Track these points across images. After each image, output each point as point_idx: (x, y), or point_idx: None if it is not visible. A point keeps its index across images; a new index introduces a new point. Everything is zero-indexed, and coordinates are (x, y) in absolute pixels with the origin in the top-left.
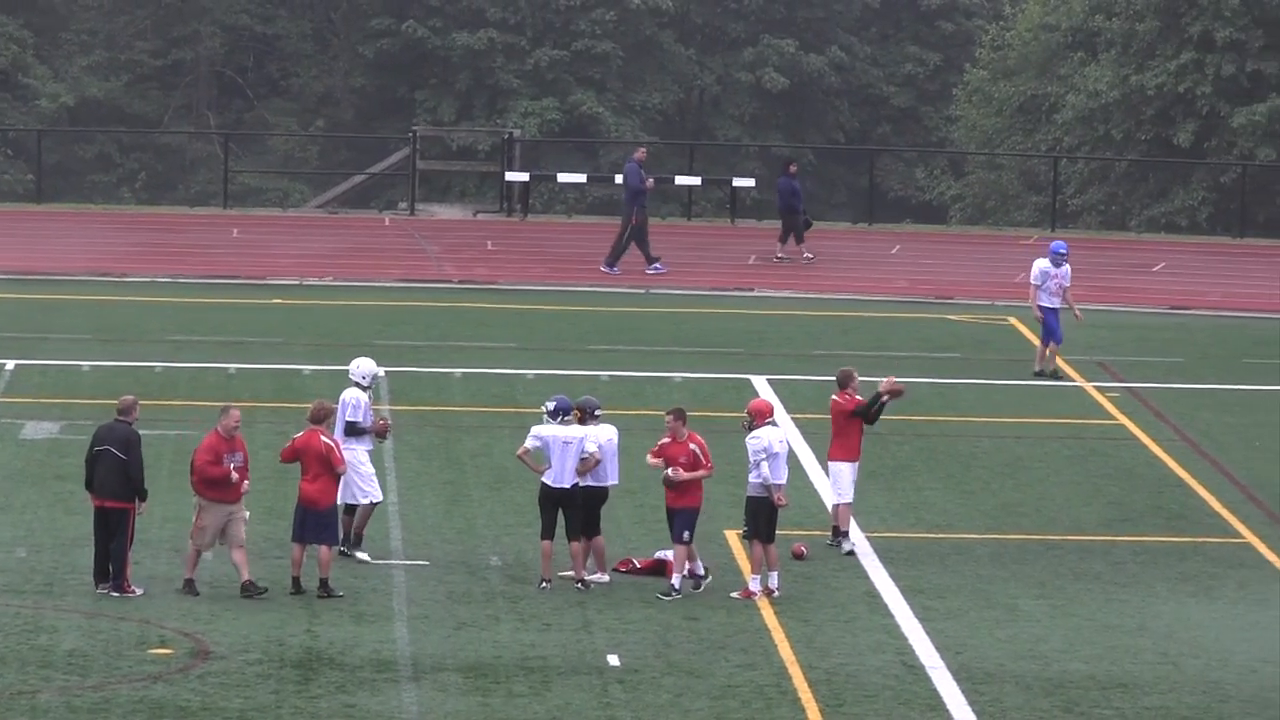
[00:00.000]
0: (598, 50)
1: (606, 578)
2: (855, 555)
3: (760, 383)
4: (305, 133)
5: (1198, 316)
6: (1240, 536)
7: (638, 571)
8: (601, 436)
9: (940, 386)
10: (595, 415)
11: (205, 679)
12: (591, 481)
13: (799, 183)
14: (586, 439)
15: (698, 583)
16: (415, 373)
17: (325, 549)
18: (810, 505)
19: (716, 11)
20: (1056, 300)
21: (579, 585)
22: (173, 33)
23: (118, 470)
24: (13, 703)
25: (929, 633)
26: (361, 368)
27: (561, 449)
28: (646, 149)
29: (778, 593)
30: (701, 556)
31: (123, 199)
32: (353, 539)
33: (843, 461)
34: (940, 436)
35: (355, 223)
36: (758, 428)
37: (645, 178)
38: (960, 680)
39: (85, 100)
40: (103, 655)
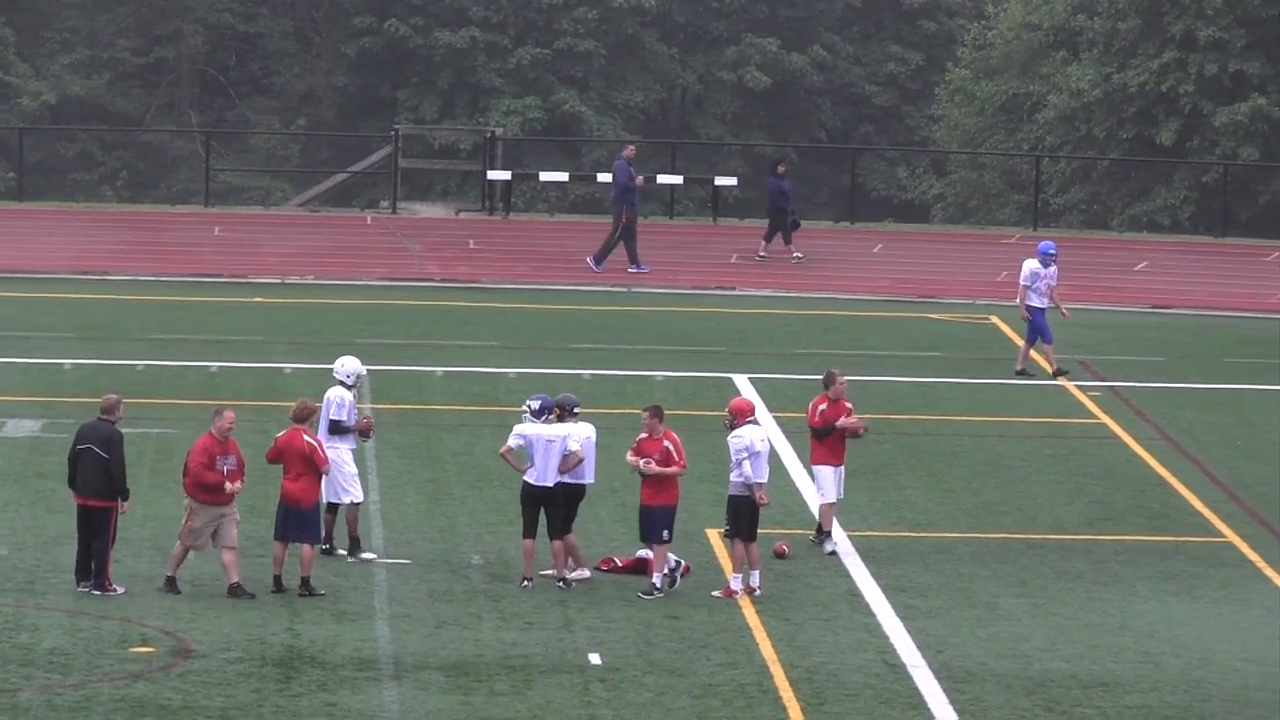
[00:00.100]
0: (580, 49)
1: (587, 572)
2: (837, 554)
3: (742, 381)
4: (287, 131)
5: (1179, 315)
6: (1222, 536)
7: (619, 570)
8: (580, 434)
9: (922, 385)
10: (574, 413)
11: (186, 677)
12: (569, 479)
13: (787, 183)
14: (569, 437)
15: (673, 578)
16: (397, 371)
17: (308, 548)
18: (792, 504)
19: (699, 10)
20: (1046, 300)
21: (560, 584)
22: (155, 31)
23: (100, 469)
24: None
25: (910, 631)
26: (346, 366)
27: (545, 448)
28: (635, 147)
29: (759, 591)
30: (684, 555)
31: (104, 197)
32: (350, 543)
33: (825, 465)
34: (922, 435)
35: (337, 221)
36: (739, 426)
37: (634, 175)
38: (941, 679)
39: (67, 98)
40: (84, 654)
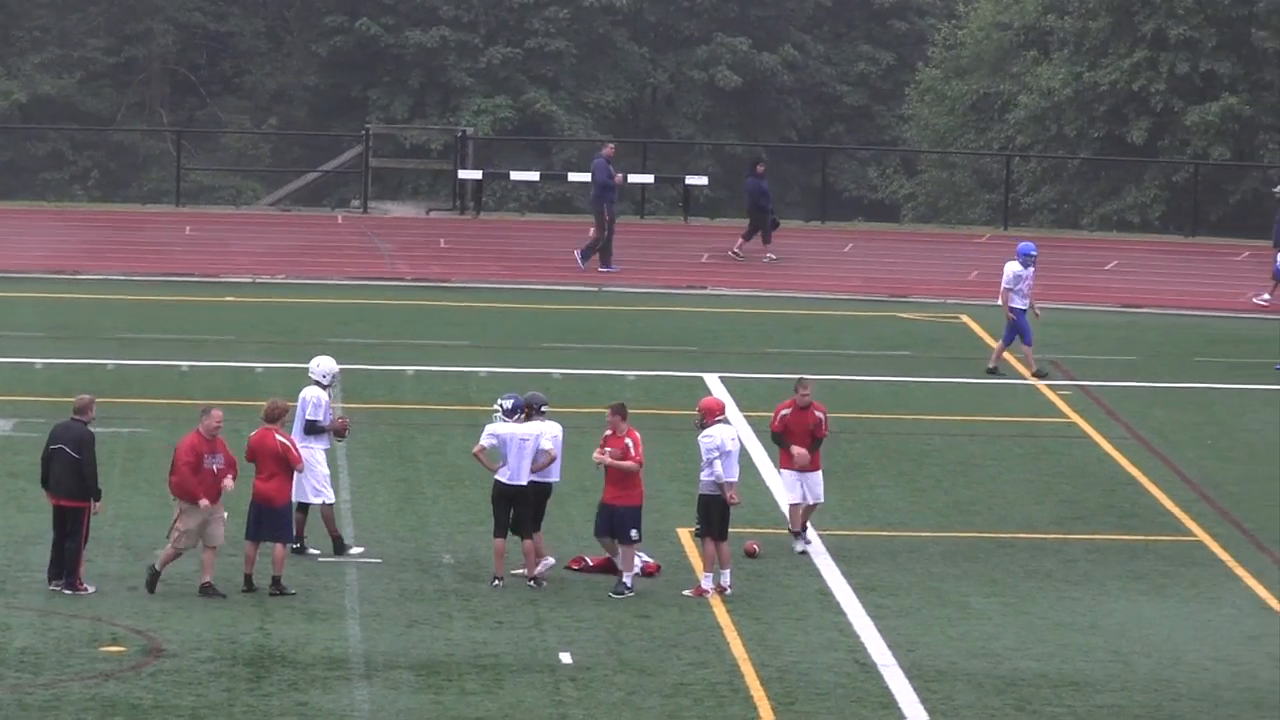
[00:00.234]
0: (551, 48)
1: (552, 559)
2: (808, 554)
3: (713, 380)
4: (258, 130)
5: (1149, 315)
6: (1192, 535)
7: (590, 569)
8: (550, 433)
9: (893, 384)
10: (541, 411)
11: (157, 677)
12: (538, 477)
13: (767, 182)
14: (542, 436)
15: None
16: (368, 370)
17: (280, 547)
18: (762, 503)
19: (669, 9)
20: (1026, 301)
21: (531, 583)
22: (125, 30)
23: (72, 469)
24: None
25: (881, 630)
26: (322, 366)
27: (519, 446)
28: (614, 146)
29: (730, 590)
30: (654, 554)
31: (75, 196)
32: (333, 543)
33: (785, 469)
34: (892, 434)
35: (308, 220)
36: (710, 426)
37: (613, 174)
38: (912, 678)
39: (38, 97)
40: (55, 653)
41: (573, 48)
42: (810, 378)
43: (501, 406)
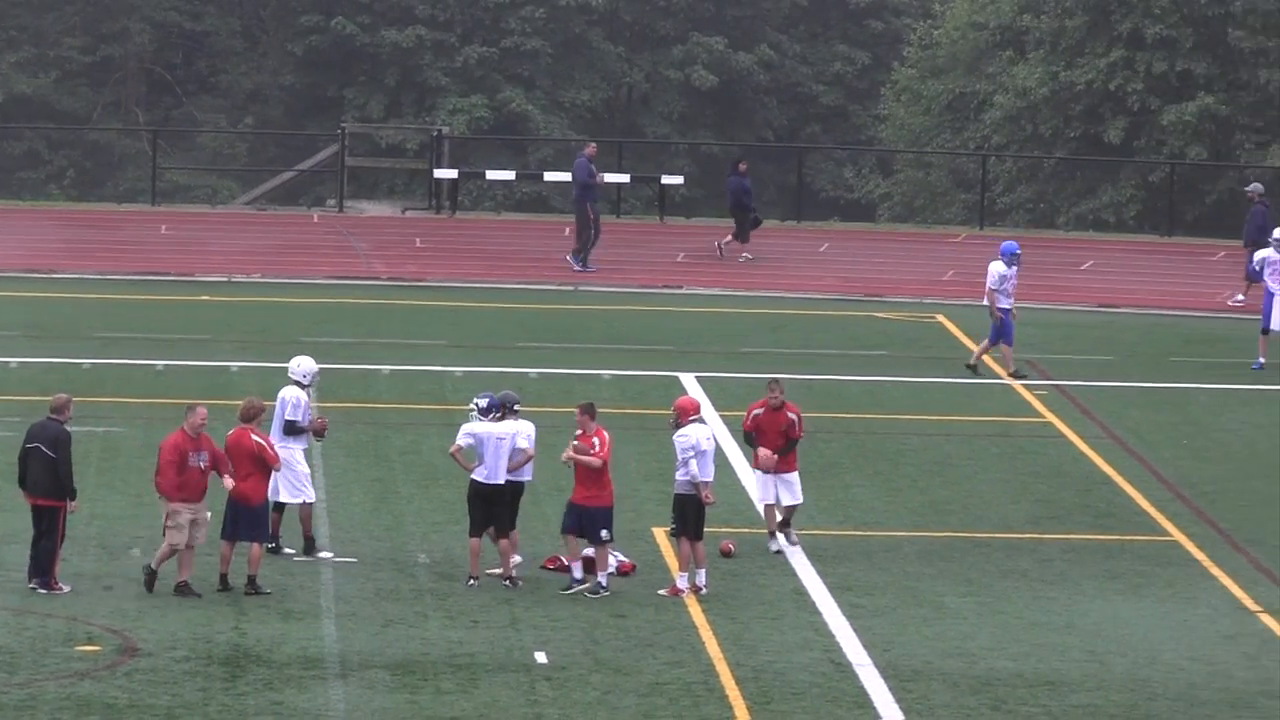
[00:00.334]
0: (526, 47)
1: (519, 557)
2: (783, 554)
3: (689, 380)
4: (234, 130)
5: (1126, 314)
6: (1168, 535)
7: (565, 569)
8: (525, 432)
9: (868, 384)
10: (514, 410)
11: (132, 676)
12: (511, 476)
13: (749, 181)
14: (518, 435)
15: (571, 585)
16: (343, 369)
17: (256, 546)
18: (738, 503)
19: (645, 9)
20: (1011, 301)
21: (507, 583)
22: (101, 29)
23: (48, 468)
24: None
25: (856, 630)
26: (302, 366)
27: (495, 446)
28: (595, 145)
29: (705, 590)
30: (630, 554)
31: (51, 196)
32: (305, 543)
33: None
34: (868, 434)
35: (284, 220)
36: (685, 425)
37: (594, 173)
38: (887, 678)
39: (13, 97)
40: (30, 652)
41: (548, 47)
42: (783, 378)
43: (477, 405)
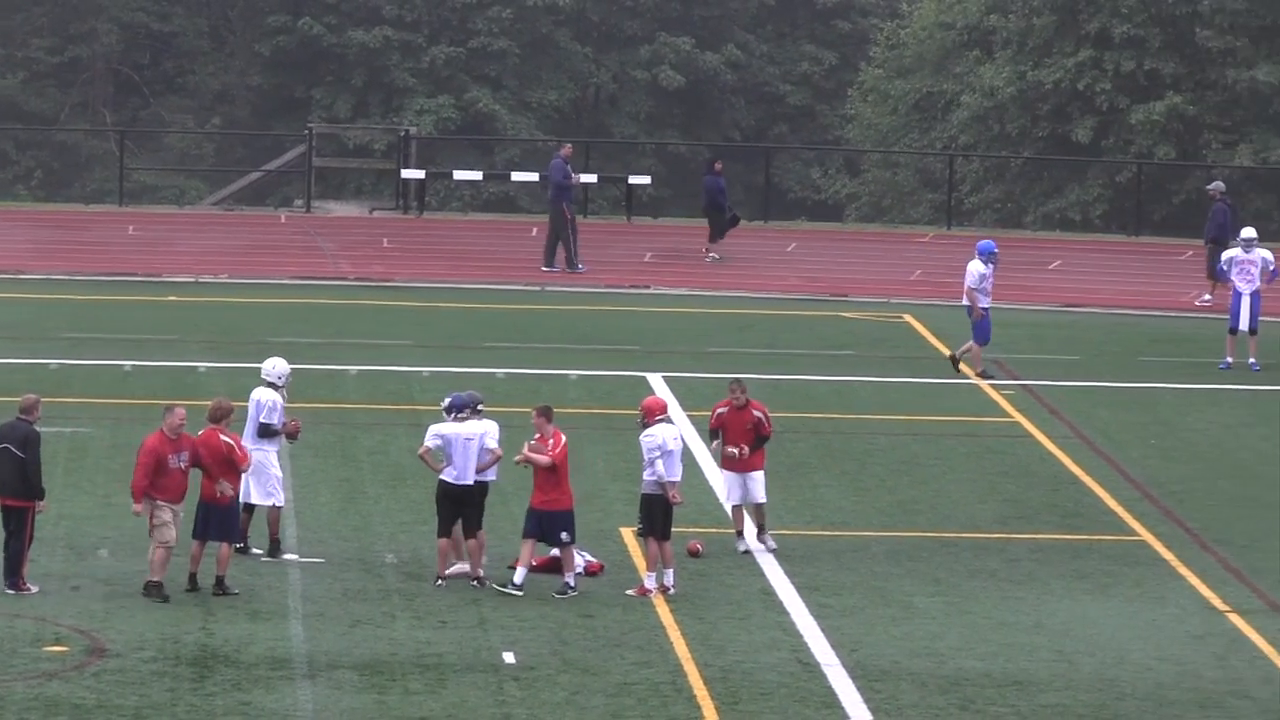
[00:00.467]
0: (494, 48)
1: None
2: (751, 554)
3: (656, 380)
4: (201, 130)
5: (1093, 314)
6: (1135, 534)
7: (533, 569)
8: (493, 432)
9: (836, 384)
10: (477, 410)
11: (100, 676)
12: (480, 476)
13: (724, 180)
14: (487, 435)
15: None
16: (311, 370)
17: (225, 546)
18: (705, 503)
19: (612, 9)
20: (988, 300)
21: (474, 582)
22: (69, 30)
23: (16, 469)
24: None
25: (824, 630)
26: (277, 368)
27: (464, 446)
28: (571, 146)
29: (673, 590)
30: (598, 554)
31: (19, 196)
32: (270, 544)
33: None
34: (836, 434)
35: (251, 220)
36: (651, 425)
37: (570, 174)
38: (856, 678)
39: None
40: None
41: (515, 47)
42: (749, 378)
43: (445, 406)
